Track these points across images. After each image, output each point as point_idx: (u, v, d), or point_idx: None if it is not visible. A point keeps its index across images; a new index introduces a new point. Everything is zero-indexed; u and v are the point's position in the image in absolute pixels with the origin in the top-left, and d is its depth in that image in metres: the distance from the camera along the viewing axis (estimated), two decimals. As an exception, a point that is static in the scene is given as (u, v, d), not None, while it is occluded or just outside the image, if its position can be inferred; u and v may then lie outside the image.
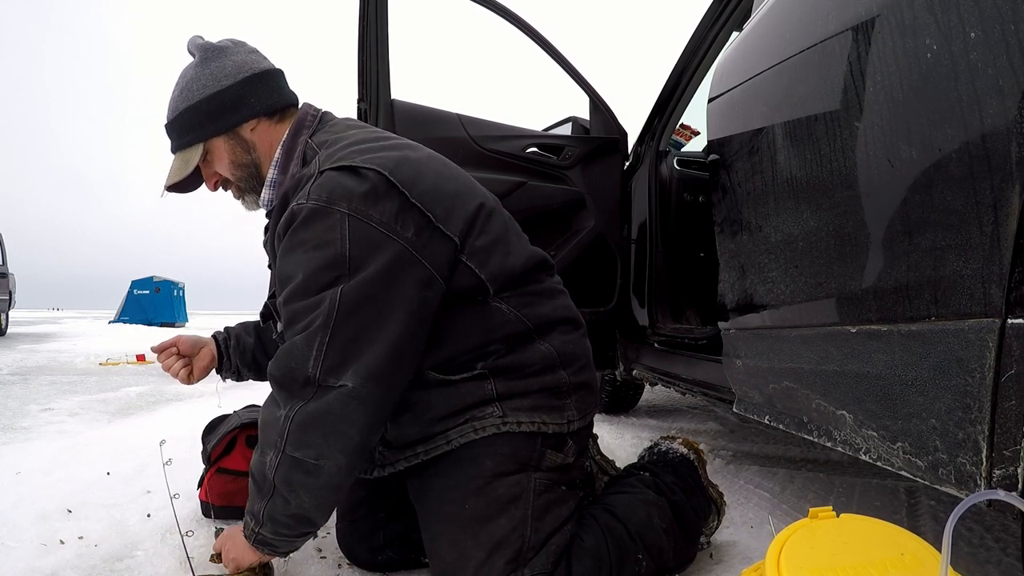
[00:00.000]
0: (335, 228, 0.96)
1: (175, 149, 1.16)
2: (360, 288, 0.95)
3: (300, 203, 0.98)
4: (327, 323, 0.94)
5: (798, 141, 1.02)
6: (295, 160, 1.11)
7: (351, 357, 0.95)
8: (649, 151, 2.14)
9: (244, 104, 1.12)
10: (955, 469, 0.73)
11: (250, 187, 1.17)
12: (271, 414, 1.00)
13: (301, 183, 1.04)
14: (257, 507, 1.02)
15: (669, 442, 1.34)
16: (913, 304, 0.79)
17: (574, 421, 1.09)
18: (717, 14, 1.82)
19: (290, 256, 0.99)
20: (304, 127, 1.14)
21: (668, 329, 2.03)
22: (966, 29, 0.69)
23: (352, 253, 0.95)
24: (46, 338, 8.82)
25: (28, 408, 3.02)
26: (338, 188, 0.98)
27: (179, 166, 1.15)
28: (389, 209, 0.99)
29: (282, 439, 0.96)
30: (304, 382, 0.95)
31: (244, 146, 1.14)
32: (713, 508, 1.25)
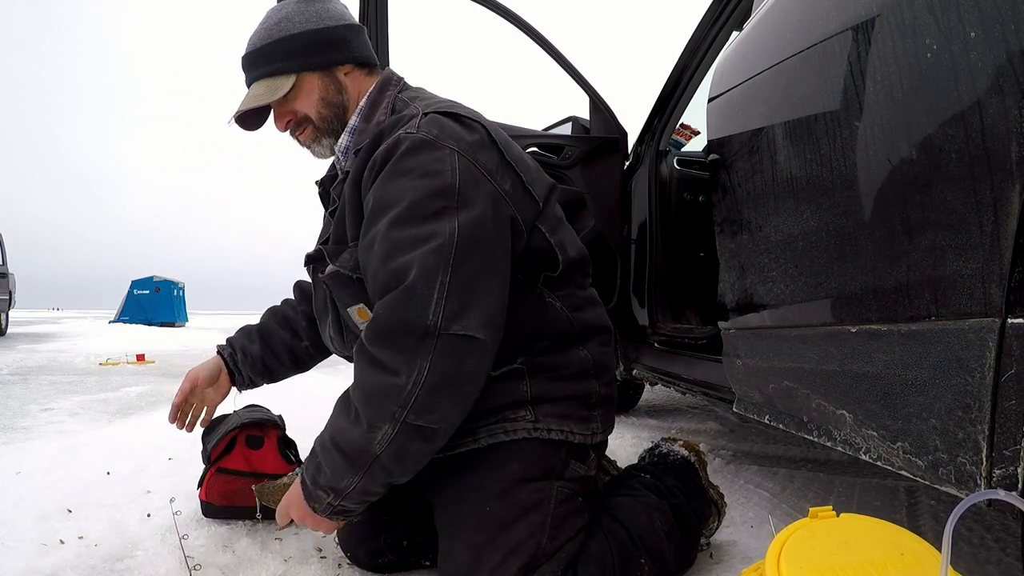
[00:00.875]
0: (445, 160, 0.95)
1: (260, 76, 1.11)
2: (473, 226, 0.91)
3: (408, 132, 0.97)
4: (448, 259, 0.88)
5: (798, 141, 1.02)
6: (382, 110, 1.11)
7: (473, 302, 0.89)
8: (649, 151, 2.14)
9: (346, 47, 1.13)
10: (955, 469, 0.73)
11: (331, 129, 1.14)
12: (382, 382, 0.89)
13: (401, 122, 1.03)
14: (345, 482, 0.95)
15: (670, 444, 1.33)
16: (913, 304, 0.79)
17: (598, 433, 1.10)
18: (717, 14, 1.83)
19: (392, 182, 0.95)
20: (391, 84, 1.16)
21: (668, 329, 2.03)
22: (966, 29, 0.69)
23: (461, 187, 0.93)
24: (46, 338, 8.83)
25: (28, 408, 3.02)
26: (447, 128, 0.99)
27: (262, 92, 1.10)
28: (492, 159, 1.02)
29: (404, 409, 0.87)
30: (423, 333, 0.87)
31: (337, 86, 1.13)
32: (713, 510, 1.25)
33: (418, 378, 0.87)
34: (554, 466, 1.04)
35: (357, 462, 0.92)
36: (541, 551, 0.98)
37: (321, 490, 0.97)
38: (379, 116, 1.10)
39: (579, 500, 1.06)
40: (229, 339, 1.41)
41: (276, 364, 1.39)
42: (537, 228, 1.07)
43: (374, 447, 0.90)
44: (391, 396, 0.88)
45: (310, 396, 3.27)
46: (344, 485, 0.95)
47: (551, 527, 1.00)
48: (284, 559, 1.26)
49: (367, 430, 0.91)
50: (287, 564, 1.24)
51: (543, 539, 0.98)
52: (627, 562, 1.03)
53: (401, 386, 0.87)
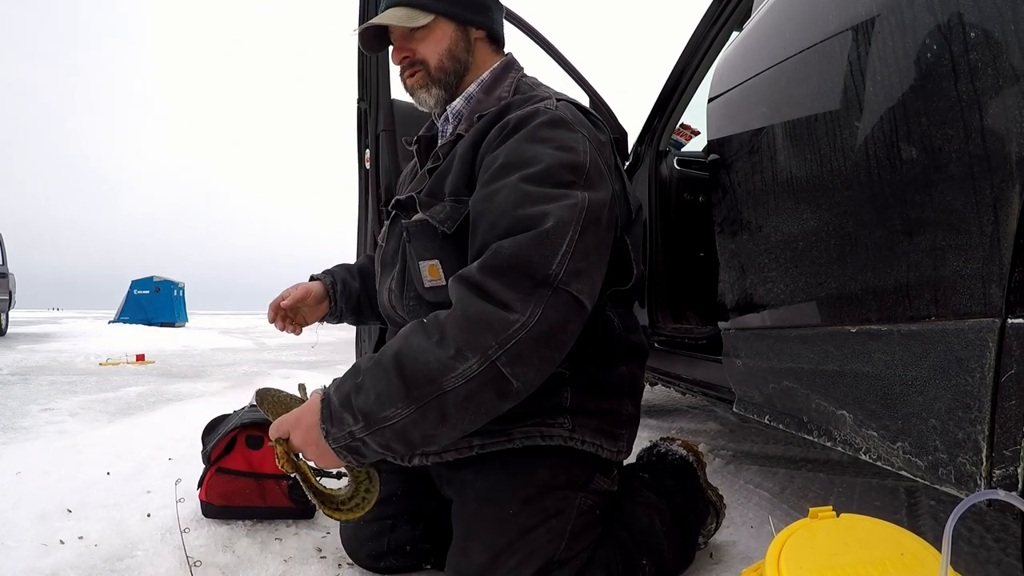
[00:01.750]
0: (580, 141, 0.97)
1: (405, 3, 1.10)
2: (597, 206, 0.92)
3: (547, 107, 0.99)
4: (579, 220, 0.87)
5: (798, 141, 1.02)
6: (505, 86, 1.12)
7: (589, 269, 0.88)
8: (649, 151, 2.14)
9: (488, 14, 1.16)
10: (955, 469, 0.73)
11: (444, 82, 1.13)
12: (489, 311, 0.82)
13: (532, 99, 1.04)
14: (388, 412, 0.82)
15: (668, 443, 1.34)
16: (913, 304, 0.79)
17: (623, 452, 1.11)
18: (717, 14, 1.82)
19: (530, 145, 0.95)
20: (514, 67, 1.18)
21: (668, 329, 2.03)
22: (966, 29, 0.69)
23: (591, 170, 0.95)
24: (46, 338, 8.82)
25: (28, 408, 3.02)
26: (579, 117, 1.03)
27: (400, 16, 1.09)
28: (611, 159, 1.07)
29: (501, 347, 0.80)
30: (542, 280, 0.83)
31: (467, 45, 1.14)
32: (712, 510, 1.25)
33: (529, 319, 0.81)
34: (580, 477, 1.04)
35: (417, 391, 0.81)
36: (556, 558, 0.97)
37: (350, 413, 0.84)
38: (501, 92, 1.11)
39: (597, 513, 1.06)
40: (329, 270, 1.39)
41: (368, 305, 1.39)
42: (623, 238, 1.09)
43: (447, 380, 0.80)
44: (495, 327, 0.80)
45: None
46: (385, 415, 0.82)
47: (570, 536, 0.99)
48: (284, 559, 1.26)
49: (452, 356, 0.80)
50: (287, 564, 1.24)
51: (560, 546, 0.98)
52: (630, 565, 1.03)
53: (511, 322, 0.81)
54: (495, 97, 1.10)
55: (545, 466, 1.01)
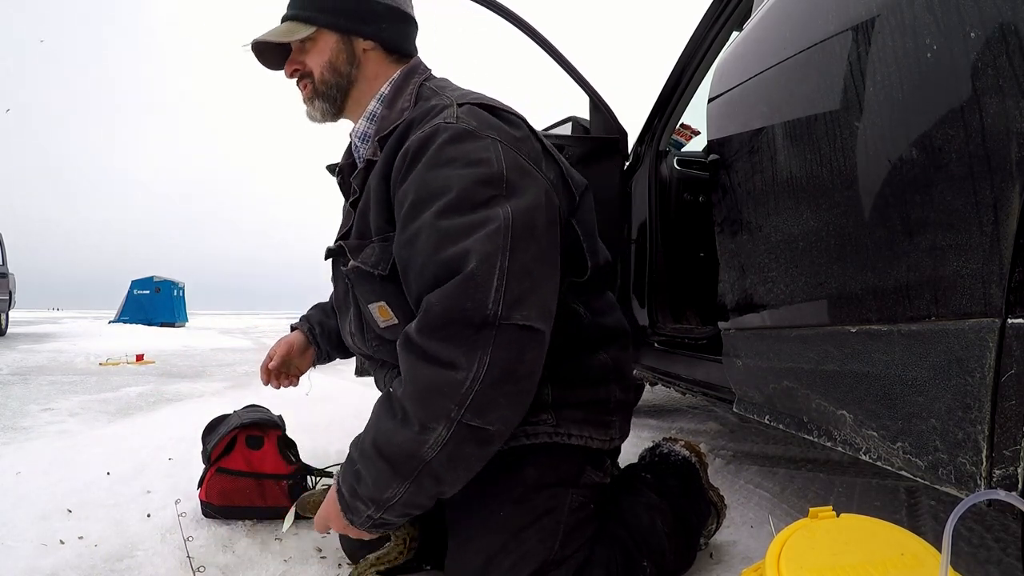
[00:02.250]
0: (489, 149, 0.91)
1: (289, 17, 1.10)
2: (525, 214, 0.87)
3: (447, 122, 0.94)
4: (505, 244, 0.83)
5: (798, 141, 1.02)
6: (406, 97, 1.07)
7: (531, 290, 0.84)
8: (649, 151, 2.14)
9: (377, 23, 1.09)
10: (955, 469, 0.73)
11: (328, 95, 1.10)
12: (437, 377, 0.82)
13: (432, 111, 0.99)
14: (388, 493, 0.87)
15: (671, 444, 1.33)
16: (913, 304, 0.79)
17: (615, 439, 1.09)
18: (717, 14, 1.82)
19: (436, 172, 0.90)
20: (417, 72, 1.12)
21: (668, 329, 2.02)
22: (966, 29, 0.69)
23: (508, 175, 0.89)
24: (46, 338, 8.82)
25: (28, 408, 3.02)
26: (485, 119, 0.96)
27: (281, 32, 1.08)
28: (535, 148, 1.00)
29: (461, 407, 0.80)
30: (482, 323, 0.80)
31: (350, 57, 1.09)
32: (713, 512, 1.25)
33: (478, 372, 0.80)
34: (570, 472, 1.03)
35: (403, 469, 0.85)
36: (552, 558, 0.97)
37: (361, 502, 0.90)
38: (402, 103, 1.06)
39: (591, 508, 1.06)
40: (305, 316, 1.42)
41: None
42: (572, 225, 1.05)
43: (424, 452, 0.83)
44: (448, 392, 0.81)
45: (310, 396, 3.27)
46: (388, 496, 0.87)
47: (563, 534, 0.99)
48: (284, 559, 1.26)
49: (419, 432, 0.83)
50: (287, 564, 1.24)
51: (555, 545, 0.98)
52: (631, 565, 1.03)
53: (460, 381, 0.80)
54: (397, 110, 1.05)
55: (532, 465, 1.00)
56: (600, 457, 1.08)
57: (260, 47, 1.11)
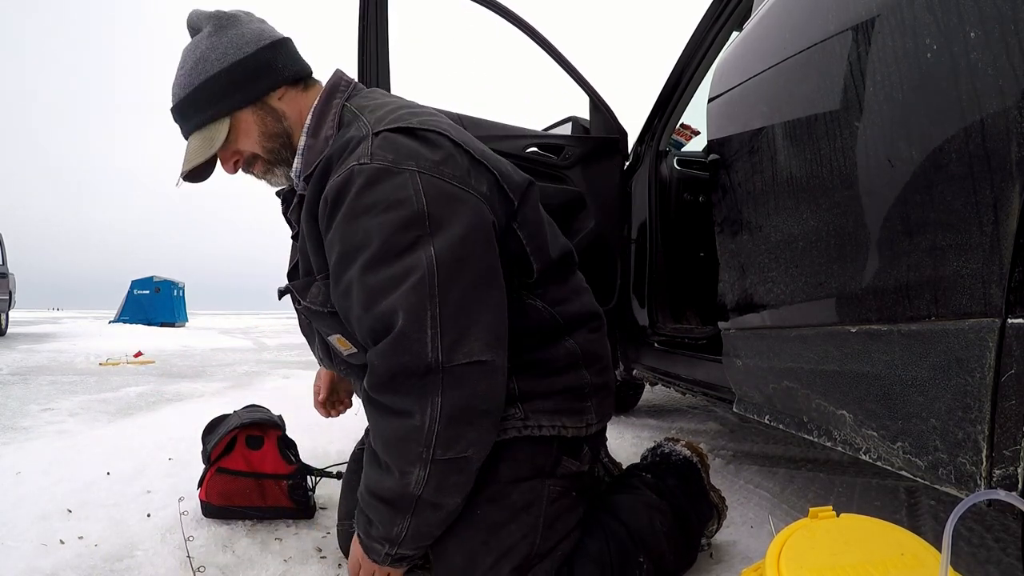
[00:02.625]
0: (406, 185, 0.88)
1: (194, 128, 1.04)
2: (453, 248, 0.87)
3: (362, 163, 0.90)
4: (432, 292, 0.84)
5: (798, 141, 1.02)
6: (329, 123, 1.04)
7: (470, 326, 0.86)
8: (649, 151, 2.14)
9: (271, 71, 1.04)
10: (955, 469, 0.73)
11: (281, 159, 1.07)
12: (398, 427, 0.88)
13: (350, 146, 0.95)
14: (396, 530, 0.94)
15: (672, 444, 1.33)
16: (913, 304, 0.79)
17: (592, 424, 1.08)
18: (717, 14, 1.82)
19: (356, 222, 0.89)
20: (338, 91, 1.08)
21: (668, 329, 2.02)
22: (966, 29, 0.69)
23: (431, 209, 0.87)
24: (46, 338, 8.82)
25: (28, 408, 3.02)
26: (403, 148, 0.92)
27: (200, 145, 1.03)
28: (461, 164, 0.95)
29: (429, 448, 0.86)
30: (425, 371, 0.84)
31: (274, 115, 1.05)
32: (714, 513, 1.25)
33: (433, 415, 0.85)
34: (544, 464, 1.03)
35: (400, 506, 0.91)
36: (535, 552, 0.97)
37: (376, 542, 0.97)
38: (326, 130, 1.03)
39: (572, 496, 1.06)
40: None
41: None
42: (513, 232, 1.02)
43: (412, 490, 0.89)
44: (412, 439, 0.87)
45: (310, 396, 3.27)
46: (396, 532, 0.94)
47: (544, 527, 0.99)
48: (284, 559, 1.26)
49: (400, 477, 0.89)
50: (287, 564, 1.24)
51: (536, 539, 0.98)
52: (626, 561, 1.03)
53: (418, 427, 0.86)
54: (322, 138, 1.03)
55: (505, 461, 1.00)
56: (577, 444, 1.07)
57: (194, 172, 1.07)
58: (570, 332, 1.08)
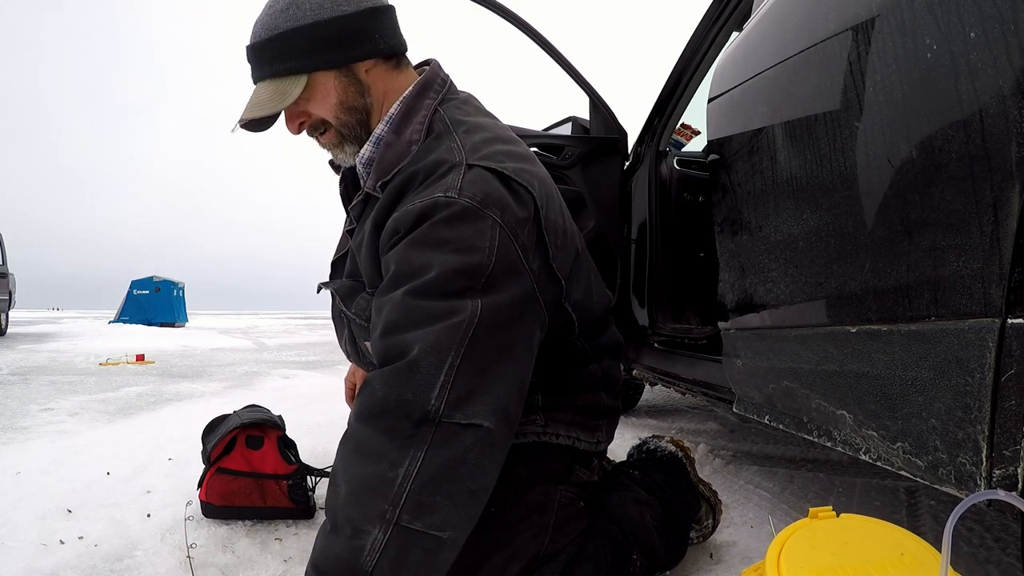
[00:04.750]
0: (485, 235, 0.83)
1: (268, 75, 0.95)
2: (496, 311, 0.82)
3: (449, 195, 0.84)
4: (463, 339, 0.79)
5: (798, 141, 1.02)
6: (415, 124, 0.96)
7: (482, 388, 0.80)
8: (649, 151, 2.14)
9: (367, 38, 0.95)
10: (955, 469, 0.73)
11: (354, 135, 1.00)
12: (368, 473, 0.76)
13: (439, 170, 0.89)
14: None
15: (657, 440, 1.36)
16: (913, 304, 0.79)
17: (602, 442, 1.12)
18: (717, 14, 1.82)
19: (421, 251, 0.84)
20: (431, 90, 1.00)
21: (668, 329, 2.03)
22: (966, 29, 0.69)
23: (494, 270, 0.83)
24: (46, 338, 8.82)
25: (28, 408, 3.02)
26: (494, 192, 0.86)
27: (270, 98, 0.94)
28: (531, 235, 0.89)
29: (395, 508, 0.74)
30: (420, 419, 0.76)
31: (358, 87, 0.97)
32: (706, 506, 1.26)
33: (410, 468, 0.75)
34: (558, 470, 1.05)
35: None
36: (542, 553, 0.98)
37: None
38: (411, 133, 0.96)
39: (580, 505, 1.07)
40: None
41: None
42: (565, 310, 1.01)
43: (363, 561, 0.73)
44: (380, 492, 0.75)
45: (310, 396, 3.27)
46: None
47: (553, 530, 1.00)
48: (284, 559, 1.26)
49: (351, 536, 0.75)
50: (287, 564, 1.24)
51: (545, 540, 0.99)
52: (620, 558, 1.04)
53: (391, 480, 0.75)
54: (404, 141, 0.96)
55: (523, 463, 1.01)
56: (588, 457, 1.11)
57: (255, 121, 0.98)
58: (597, 359, 1.11)
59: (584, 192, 2.05)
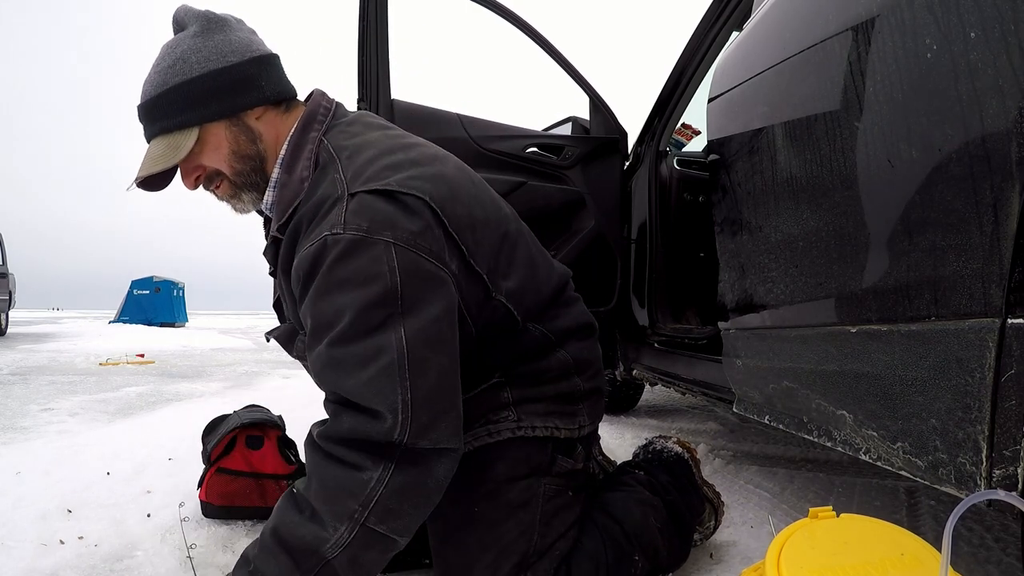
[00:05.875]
0: (380, 259, 0.83)
1: (159, 132, 0.95)
2: (426, 331, 0.83)
3: (335, 233, 0.84)
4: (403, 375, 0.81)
5: (798, 141, 1.02)
6: (304, 160, 0.97)
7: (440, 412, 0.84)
8: (649, 151, 2.14)
9: (254, 86, 0.96)
10: (955, 469, 0.73)
11: (250, 183, 1.00)
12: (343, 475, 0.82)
13: (323, 208, 0.89)
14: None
15: (663, 441, 1.35)
16: (913, 304, 0.79)
17: (585, 426, 1.09)
18: (717, 14, 1.82)
19: (328, 298, 0.85)
20: (315, 121, 1.00)
21: (668, 329, 2.03)
22: (966, 29, 0.69)
23: (404, 289, 0.83)
24: (46, 338, 8.82)
25: (28, 408, 3.02)
26: (378, 215, 0.85)
27: (162, 153, 0.94)
28: (437, 238, 0.89)
29: (365, 510, 0.80)
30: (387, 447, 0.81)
31: (249, 135, 0.98)
32: (709, 507, 1.25)
33: (383, 475, 0.81)
34: (540, 463, 1.03)
35: (305, 564, 0.81)
36: (533, 549, 0.98)
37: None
38: (301, 170, 0.96)
39: (569, 495, 1.06)
40: None
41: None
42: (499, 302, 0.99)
43: (326, 550, 0.81)
44: (353, 494, 0.81)
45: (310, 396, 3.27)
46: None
47: (541, 524, 1.00)
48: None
49: (323, 527, 0.81)
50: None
51: (534, 536, 0.98)
52: (621, 558, 1.03)
53: (365, 483, 0.80)
54: (297, 179, 0.96)
55: (501, 460, 1.01)
56: (571, 444, 1.08)
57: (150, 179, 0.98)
58: (562, 344, 1.08)
59: (584, 192, 2.05)
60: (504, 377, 1.03)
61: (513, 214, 1.10)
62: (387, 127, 1.07)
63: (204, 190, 1.03)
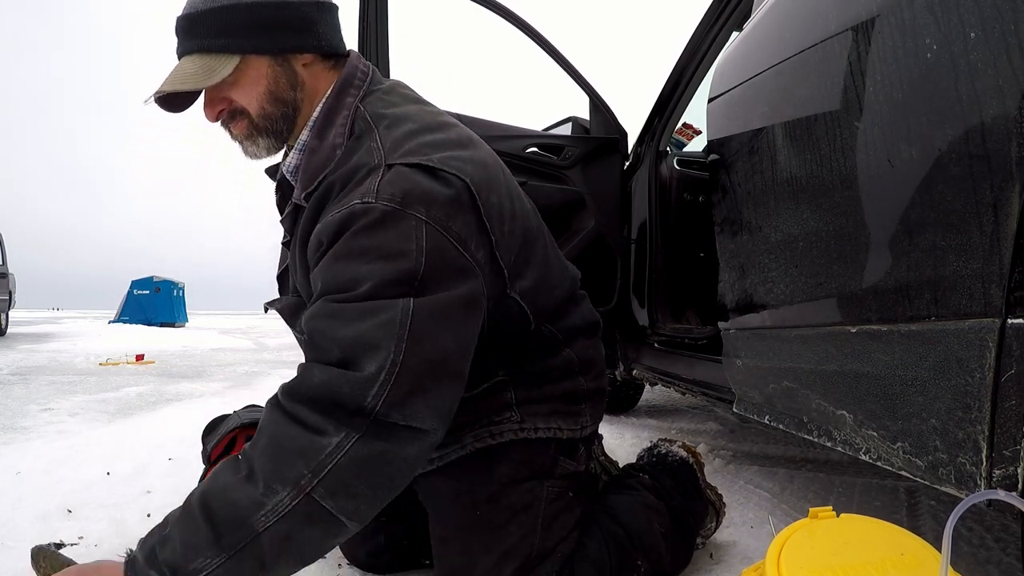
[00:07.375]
0: (410, 236, 0.78)
1: (196, 49, 0.87)
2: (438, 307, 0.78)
3: (366, 202, 0.79)
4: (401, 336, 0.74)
5: (798, 141, 1.02)
6: (338, 127, 0.90)
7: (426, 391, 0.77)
8: (649, 151, 2.14)
9: (310, 30, 0.89)
10: (955, 469, 0.73)
11: (273, 130, 0.93)
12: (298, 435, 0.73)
13: (357, 175, 0.84)
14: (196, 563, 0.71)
15: (668, 444, 1.34)
16: (913, 304, 0.79)
17: (587, 427, 1.09)
18: (717, 14, 1.82)
19: (345, 263, 0.80)
20: (352, 86, 0.93)
21: (668, 329, 2.03)
22: (966, 29, 0.69)
23: (426, 271, 0.78)
24: (46, 338, 8.82)
25: (28, 408, 3.02)
26: (416, 189, 0.80)
27: (195, 72, 0.86)
28: (469, 223, 0.84)
29: (315, 476, 0.71)
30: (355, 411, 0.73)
31: (292, 79, 0.91)
32: (711, 511, 1.25)
33: (344, 441, 0.72)
34: (543, 465, 1.03)
35: (227, 537, 0.71)
36: (535, 552, 0.97)
37: (155, 569, 0.74)
38: (334, 136, 0.90)
39: (570, 496, 1.06)
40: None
41: None
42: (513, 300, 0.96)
43: (257, 519, 0.71)
44: (306, 453, 0.72)
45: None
46: (194, 568, 0.72)
47: (543, 527, 0.99)
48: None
49: (261, 492, 0.71)
50: (287, 564, 1.24)
51: (535, 540, 0.98)
52: (624, 562, 1.03)
53: (322, 447, 0.72)
54: (328, 145, 0.90)
55: (503, 462, 1.00)
56: (573, 445, 1.07)
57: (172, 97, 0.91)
58: (569, 343, 1.07)
59: (584, 192, 2.05)
60: (508, 375, 1.02)
61: (535, 211, 1.07)
62: (423, 101, 1.02)
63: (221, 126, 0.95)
